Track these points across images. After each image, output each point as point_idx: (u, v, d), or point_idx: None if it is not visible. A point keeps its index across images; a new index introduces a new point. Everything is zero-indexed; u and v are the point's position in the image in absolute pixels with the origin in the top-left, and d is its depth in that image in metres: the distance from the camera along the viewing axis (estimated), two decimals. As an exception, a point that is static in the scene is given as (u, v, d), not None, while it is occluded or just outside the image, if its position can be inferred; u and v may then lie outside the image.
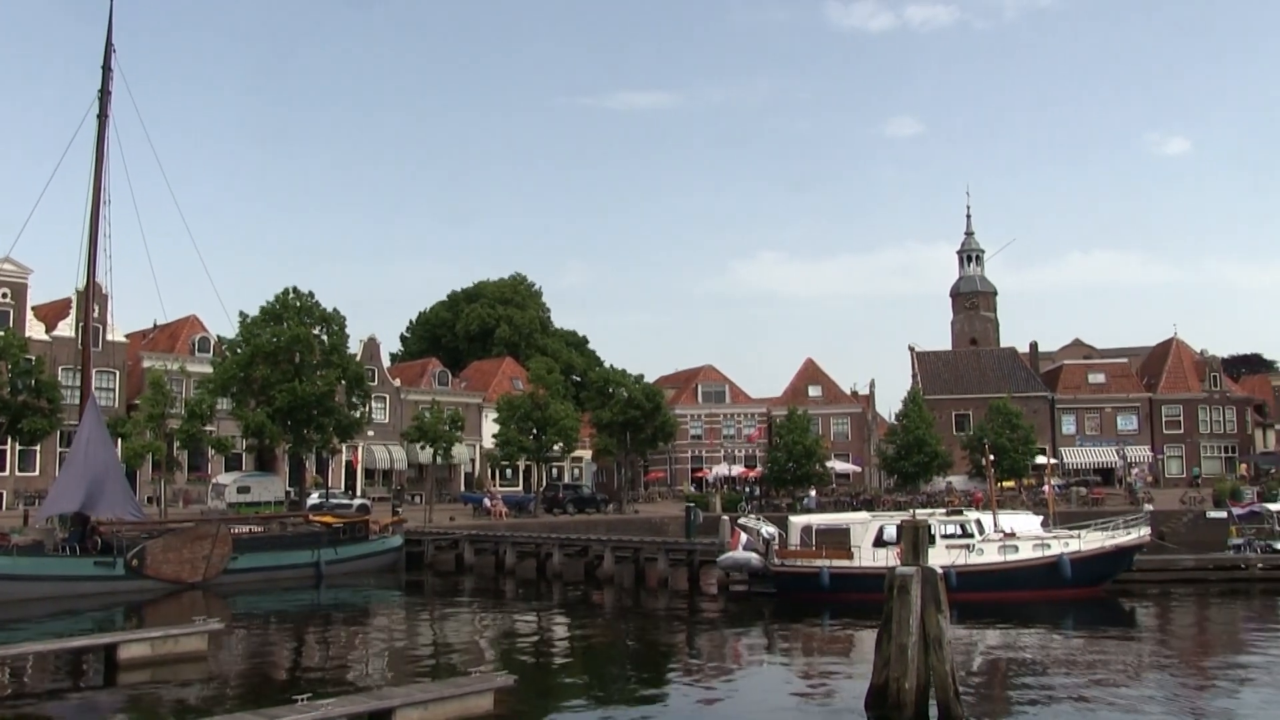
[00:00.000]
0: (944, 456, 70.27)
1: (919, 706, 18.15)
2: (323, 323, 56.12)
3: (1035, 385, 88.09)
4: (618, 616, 36.46)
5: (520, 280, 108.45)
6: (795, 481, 70.23)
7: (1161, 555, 42.02)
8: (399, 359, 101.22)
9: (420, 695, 17.93)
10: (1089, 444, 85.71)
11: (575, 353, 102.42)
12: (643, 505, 72.10)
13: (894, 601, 18.70)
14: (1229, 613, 36.03)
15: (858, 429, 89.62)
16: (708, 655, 28.72)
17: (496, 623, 34.52)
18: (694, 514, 50.67)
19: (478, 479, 79.11)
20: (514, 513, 61.38)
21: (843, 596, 34.02)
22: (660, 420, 68.65)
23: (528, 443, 62.41)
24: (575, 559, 45.22)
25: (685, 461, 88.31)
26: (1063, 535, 37.42)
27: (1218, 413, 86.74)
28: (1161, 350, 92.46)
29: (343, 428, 56.41)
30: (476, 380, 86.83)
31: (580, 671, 26.38)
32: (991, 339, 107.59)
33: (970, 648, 27.02)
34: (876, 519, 38.25)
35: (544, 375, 64.29)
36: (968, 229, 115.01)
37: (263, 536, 45.18)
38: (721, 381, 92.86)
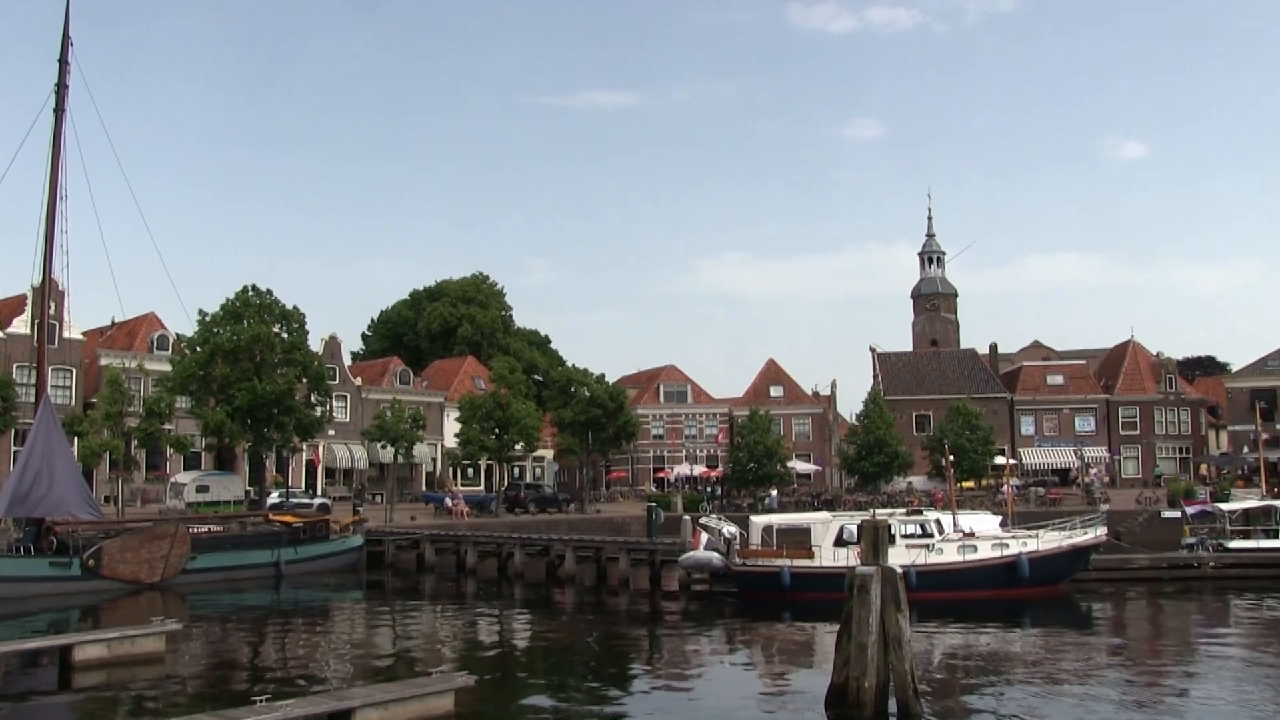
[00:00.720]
0: (904, 457, 70.73)
1: (879, 705, 18.30)
2: (283, 321, 55.80)
3: (995, 386, 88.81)
4: (579, 616, 36.45)
5: (482, 279, 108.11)
6: (757, 481, 70.47)
7: (1117, 555, 42.42)
8: (360, 358, 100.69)
9: (380, 695, 17.86)
10: (1047, 445, 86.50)
11: (537, 352, 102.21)
12: (604, 505, 72.13)
13: (854, 601, 18.85)
14: (1182, 611, 36.50)
15: (819, 429, 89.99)
16: (669, 655, 28.76)
17: (457, 622, 34.45)
18: (655, 514, 50.70)
19: (439, 478, 78.85)
20: (475, 512, 61.22)
21: (803, 596, 34.16)
22: (622, 420, 68.69)
23: (489, 442, 62.31)
24: (537, 559, 45.17)
25: (647, 461, 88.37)
26: (1021, 535, 37.78)
27: (1173, 414, 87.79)
28: (1119, 352, 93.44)
29: (303, 427, 56.09)
30: (438, 379, 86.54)
31: (541, 671, 26.36)
32: (952, 340, 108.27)
33: (930, 646, 27.18)
34: (837, 519, 38.39)
35: (506, 374, 64.20)
36: (929, 231, 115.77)
37: (222, 536, 44.85)
38: (683, 381, 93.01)
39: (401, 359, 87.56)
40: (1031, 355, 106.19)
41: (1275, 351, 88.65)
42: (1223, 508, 47.88)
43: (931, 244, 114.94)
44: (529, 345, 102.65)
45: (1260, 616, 34.98)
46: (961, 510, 42.12)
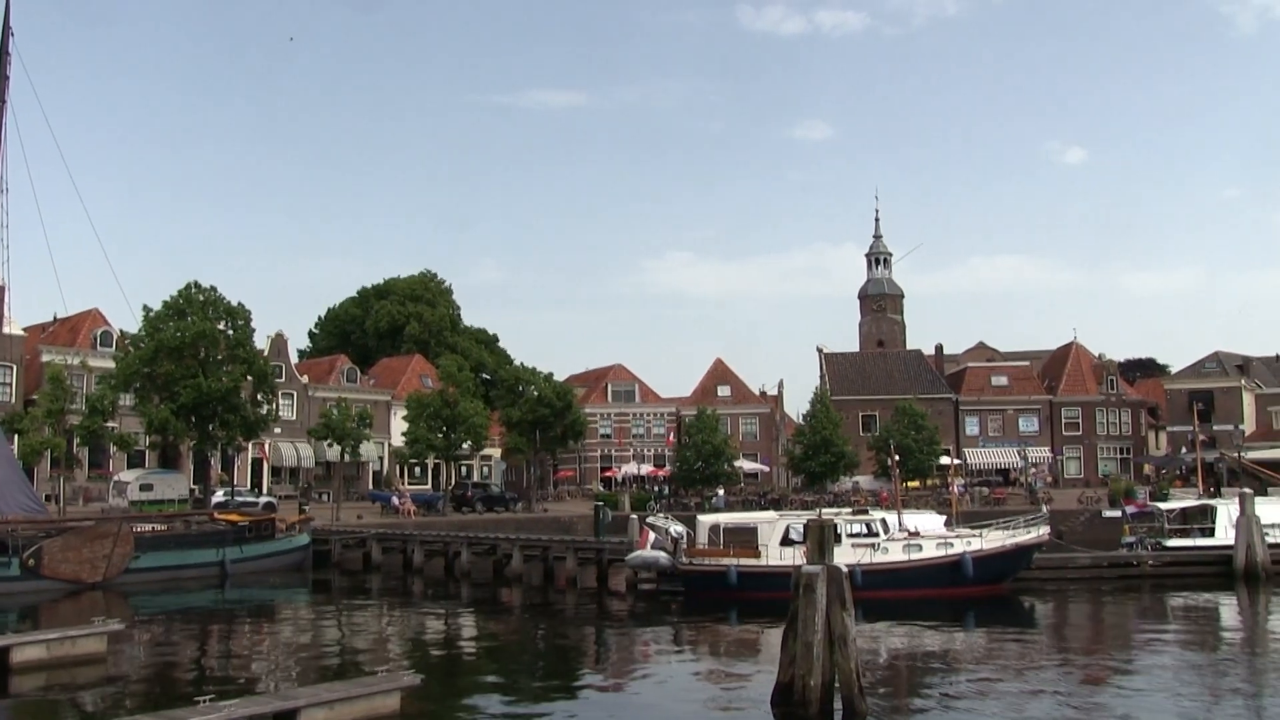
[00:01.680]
0: (851, 457, 71.23)
1: (824, 703, 18.45)
2: (228, 318, 55.31)
3: (940, 387, 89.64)
4: (526, 615, 36.48)
5: (430, 277, 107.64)
6: (704, 481, 70.69)
7: (1059, 553, 42.97)
8: (307, 355, 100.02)
9: (326, 695, 17.81)
10: (991, 445, 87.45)
11: (485, 351, 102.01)
12: (552, 504, 72.07)
13: (800, 600, 18.98)
14: (1121, 608, 37.11)
15: (766, 429, 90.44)
16: (616, 654, 28.88)
17: (404, 622, 34.37)
18: (603, 513, 50.79)
19: (386, 477, 78.46)
20: (422, 511, 61.02)
21: (750, 595, 34.32)
22: (570, 419, 68.71)
23: (437, 441, 62.14)
24: (484, 558, 45.11)
25: (595, 460, 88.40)
26: (965, 534, 38.14)
27: (1114, 415, 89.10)
28: (1062, 354, 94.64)
29: (249, 425, 55.63)
30: (385, 378, 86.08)
31: (488, 671, 26.36)
32: (898, 341, 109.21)
33: (875, 645, 27.45)
34: (784, 518, 38.62)
35: (454, 373, 64.04)
36: (876, 232, 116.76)
37: (166, 535, 44.35)
38: (631, 381, 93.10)
39: (349, 357, 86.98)
40: (976, 356, 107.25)
41: (1212, 354, 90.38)
42: (1161, 507, 48.74)
43: (879, 245, 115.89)
44: (477, 344, 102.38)
45: (1196, 613, 35.72)
46: (907, 510, 42.54)
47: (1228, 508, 44.06)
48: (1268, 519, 42.69)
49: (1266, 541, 41.06)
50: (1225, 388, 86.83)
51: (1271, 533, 42.15)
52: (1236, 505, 42.45)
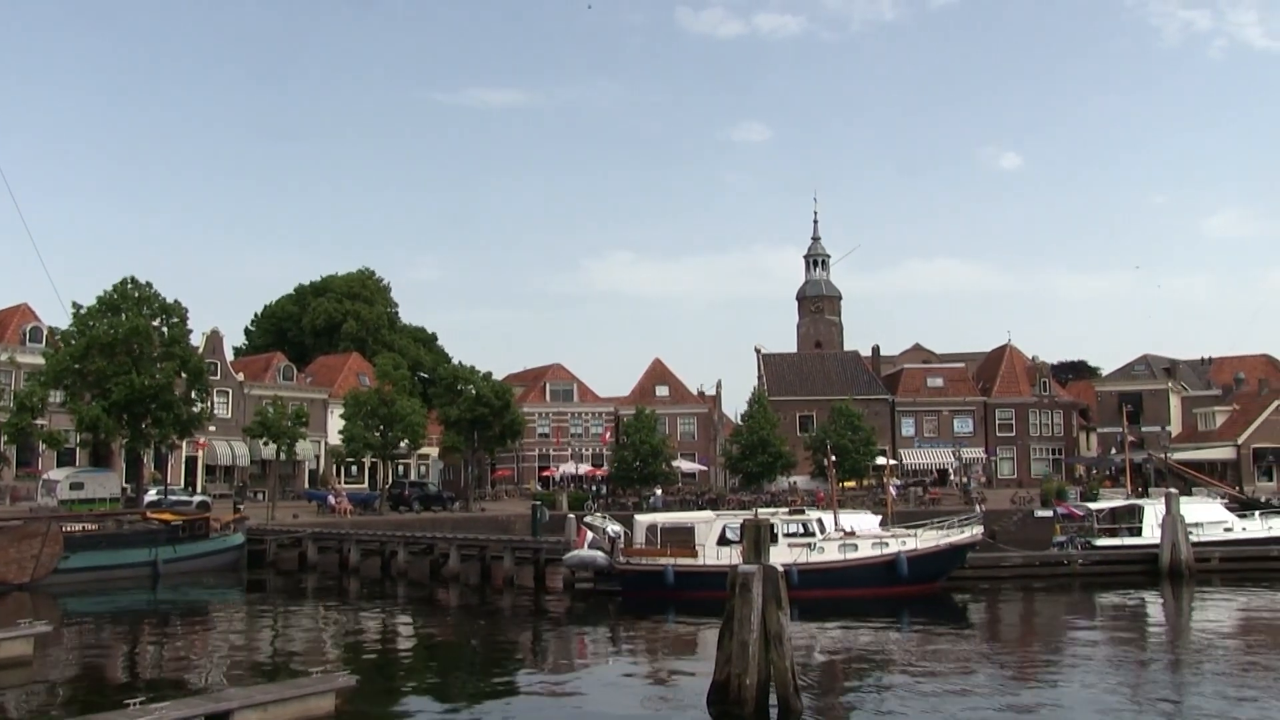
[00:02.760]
0: (788, 457, 71.64)
1: (759, 702, 18.61)
2: (163, 314, 54.57)
3: (876, 388, 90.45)
4: (463, 615, 36.40)
5: (368, 275, 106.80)
6: (642, 480, 70.81)
7: (992, 553, 43.61)
8: (243, 352, 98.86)
9: (259, 696, 17.70)
10: (927, 445, 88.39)
11: (423, 349, 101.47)
12: (489, 503, 71.87)
13: (736, 599, 19.12)
14: (1052, 606, 37.72)
15: (704, 429, 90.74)
16: (553, 653, 28.93)
17: (340, 622, 34.16)
18: (540, 512, 50.76)
19: (322, 476, 77.81)
20: (359, 510, 60.60)
21: (687, 594, 34.48)
22: (508, 418, 68.55)
23: (374, 439, 61.75)
24: (420, 557, 44.91)
25: (533, 460, 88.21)
26: (900, 534, 38.58)
27: (1046, 416, 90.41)
28: (996, 356, 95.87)
29: (183, 423, 54.90)
30: (322, 375, 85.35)
31: (424, 671, 26.32)
32: (835, 342, 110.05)
33: (811, 644, 27.68)
34: (721, 518, 38.83)
35: (391, 371, 63.66)
36: (814, 234, 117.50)
37: (97, 535, 43.67)
38: (570, 380, 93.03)
39: (285, 355, 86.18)
40: (912, 358, 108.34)
41: (1141, 357, 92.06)
42: (1091, 507, 49.68)
43: (817, 247, 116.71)
44: (415, 342, 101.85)
45: (1123, 611, 36.45)
46: (843, 510, 42.91)
47: (1154, 508, 45.01)
48: (1192, 518, 43.72)
49: (1191, 540, 41.99)
50: (1153, 390, 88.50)
51: (1196, 532, 43.16)
52: (1163, 505, 43.33)
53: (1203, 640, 30.20)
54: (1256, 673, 24.37)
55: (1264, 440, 76.88)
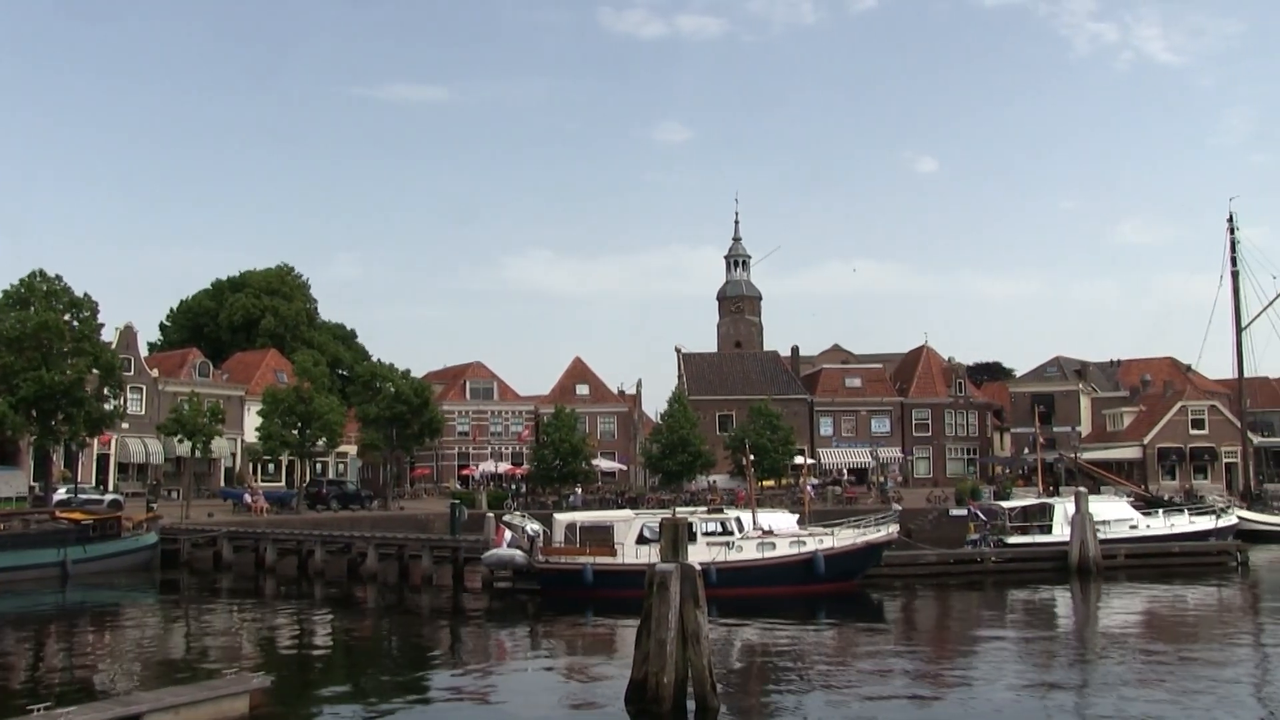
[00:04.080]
0: (707, 456, 71.95)
1: (677, 700, 18.77)
2: (73, 308, 53.55)
3: (795, 388, 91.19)
4: (380, 614, 36.21)
5: (287, 270, 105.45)
6: (561, 479, 70.77)
7: (908, 551, 44.24)
8: (158, 348, 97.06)
9: (170, 699, 17.48)
10: (844, 445, 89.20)
11: (343, 346, 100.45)
12: (408, 502, 71.33)
13: (653, 598, 19.26)
14: (965, 603, 38.42)
15: (624, 428, 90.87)
16: (471, 653, 28.90)
17: (255, 622, 33.77)
18: (459, 511, 50.51)
19: (239, 474, 76.72)
20: (275, 509, 59.86)
21: (606, 593, 34.62)
22: (427, 416, 68.17)
23: (291, 437, 61.07)
24: (338, 556, 44.56)
25: (452, 458, 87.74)
26: (817, 533, 39.06)
27: (962, 416, 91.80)
28: (913, 357, 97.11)
29: (94, 420, 53.88)
30: (239, 372, 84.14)
31: (341, 671, 26.17)
32: (755, 342, 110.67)
33: (729, 642, 27.96)
34: (640, 517, 39.05)
35: (309, 368, 63.01)
36: (735, 234, 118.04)
37: (2, 535, 42.61)
38: (490, 378, 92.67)
39: (201, 351, 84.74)
40: (831, 358, 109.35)
41: (1053, 359, 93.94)
42: (1003, 506, 50.68)
43: (737, 247, 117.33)
44: (334, 339, 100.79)
45: (1033, 606, 37.26)
46: (761, 509, 43.30)
47: (1064, 506, 46.12)
48: (1100, 516, 44.85)
49: (1098, 538, 43.03)
50: (1064, 391, 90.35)
51: (1103, 529, 44.25)
52: (1072, 504, 44.38)
53: (1108, 635, 31.05)
54: (1158, 665, 25.13)
55: (1168, 440, 78.93)
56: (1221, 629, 31.99)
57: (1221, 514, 51.82)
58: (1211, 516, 50.94)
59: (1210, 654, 27.21)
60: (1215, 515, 51.23)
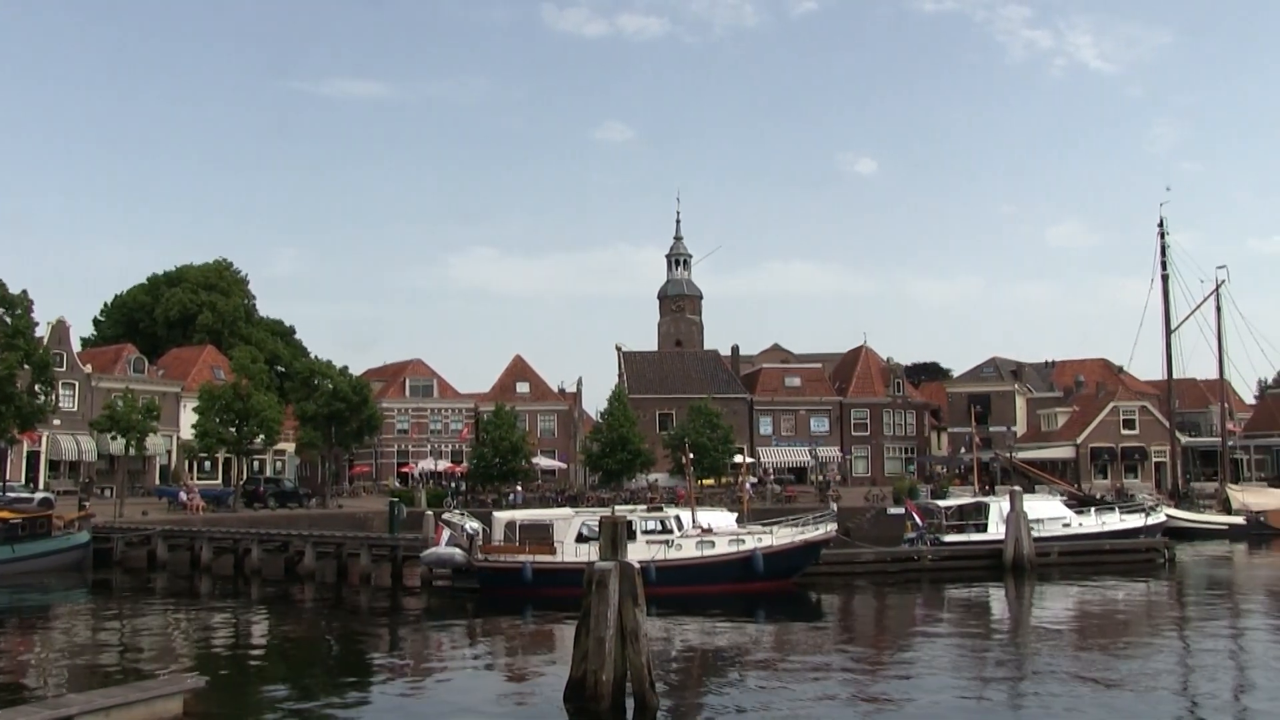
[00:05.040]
0: (647, 454, 72.09)
1: (615, 698, 18.80)
2: (4, 304, 52.59)
3: (735, 387, 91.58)
4: (318, 613, 35.91)
5: (225, 266, 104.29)
6: (501, 477, 70.63)
7: (846, 549, 44.58)
8: (91, 343, 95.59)
9: (102, 701, 17.18)
10: (784, 444, 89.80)
11: (281, 343, 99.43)
12: (347, 500, 70.84)
13: (592, 596, 19.27)
14: (903, 601, 38.81)
15: (564, 426, 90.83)
16: (410, 652, 28.75)
17: (190, 622, 33.33)
18: (398, 509, 50.24)
19: (174, 472, 75.77)
20: (212, 507, 59.15)
21: (545, 591, 34.60)
22: (366, 414, 67.78)
23: (228, 434, 60.40)
24: (275, 555, 44.08)
25: (391, 456, 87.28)
26: (756, 531, 39.28)
27: (900, 416, 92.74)
28: (852, 357, 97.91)
29: (24, 416, 52.98)
30: (175, 368, 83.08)
31: (277, 671, 25.94)
32: (696, 341, 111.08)
33: (668, 640, 28.01)
34: (579, 515, 39.03)
35: (247, 365, 62.34)
36: (677, 234, 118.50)
37: (-73, 533, 41.89)
38: (430, 376, 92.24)
39: (136, 346, 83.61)
40: (771, 358, 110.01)
41: (989, 360, 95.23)
42: (940, 504, 51.26)
43: (679, 247, 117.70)
44: (272, 335, 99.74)
45: (969, 604, 37.75)
46: (701, 507, 43.47)
47: (999, 505, 46.71)
48: (1034, 514, 45.51)
49: (1032, 536, 43.68)
50: (1000, 391, 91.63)
51: (1037, 527, 44.92)
52: (1007, 502, 44.95)
53: (1041, 631, 31.50)
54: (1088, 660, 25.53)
55: (1100, 440, 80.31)
56: (1149, 624, 32.69)
57: (1151, 512, 52.94)
58: (1141, 515, 51.98)
59: (1138, 648, 27.78)
60: (1145, 513, 52.30)
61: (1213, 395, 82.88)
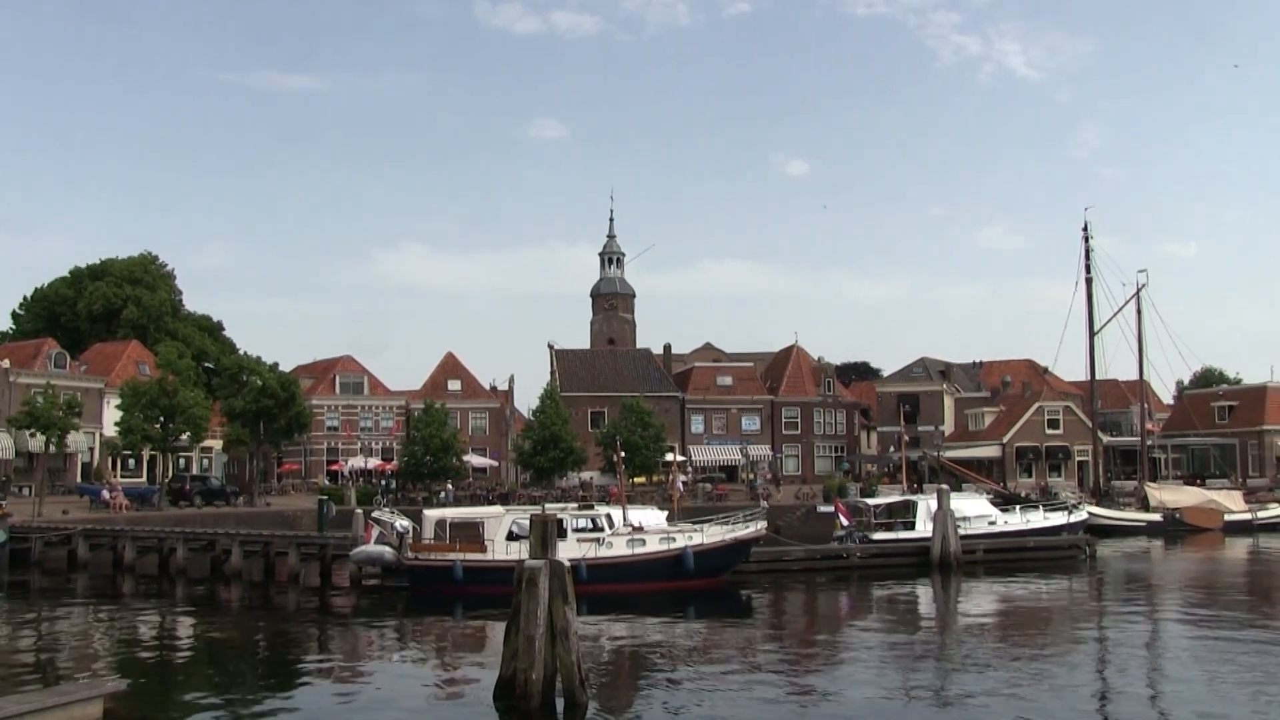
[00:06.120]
0: (579, 452, 72.03)
1: (545, 696, 18.80)
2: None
3: (667, 386, 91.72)
4: (245, 613, 35.52)
5: (151, 259, 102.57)
6: (432, 475, 70.28)
7: (776, 547, 44.87)
8: (9, 337, 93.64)
9: (15, 708, 16.67)
10: (715, 443, 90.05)
11: (209, 338, 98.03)
12: (275, 498, 70.09)
13: (522, 594, 19.24)
14: (832, 598, 39.27)
15: (496, 424, 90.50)
16: (339, 651, 28.53)
17: (111, 624, 32.70)
18: (327, 507, 49.78)
19: (97, 469, 74.42)
20: (136, 505, 58.22)
21: (476, 590, 34.53)
22: (295, 411, 67.06)
23: (153, 431, 59.44)
24: (201, 554, 43.53)
25: (321, 453, 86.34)
26: (687, 529, 39.45)
27: (830, 415, 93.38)
28: (783, 356, 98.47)
29: (-60, 413, 51.81)
30: (98, 364, 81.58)
31: (203, 673, 25.58)
32: (628, 340, 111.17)
33: (598, 638, 28.05)
34: (510, 513, 38.96)
35: (173, 360, 61.37)
36: (610, 232, 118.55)
37: None
38: (360, 373, 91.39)
39: (57, 341, 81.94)
40: (703, 356, 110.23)
41: (918, 360, 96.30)
42: (869, 503, 51.80)
43: (612, 245, 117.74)
44: (200, 331, 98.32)
45: (896, 600, 38.18)
46: (632, 505, 43.57)
47: (926, 503, 47.33)
48: (961, 512, 46.19)
49: (959, 533, 44.30)
50: (929, 391, 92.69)
51: (963, 525, 45.58)
52: (934, 501, 45.55)
53: (967, 626, 32.02)
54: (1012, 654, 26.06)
55: (1025, 440, 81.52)
56: (1070, 618, 33.39)
57: (1073, 510, 54.09)
58: (1064, 512, 53.05)
59: (1059, 641, 28.46)
60: (1067, 511, 53.41)
61: (1133, 396, 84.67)
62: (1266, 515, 64.84)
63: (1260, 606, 36.64)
